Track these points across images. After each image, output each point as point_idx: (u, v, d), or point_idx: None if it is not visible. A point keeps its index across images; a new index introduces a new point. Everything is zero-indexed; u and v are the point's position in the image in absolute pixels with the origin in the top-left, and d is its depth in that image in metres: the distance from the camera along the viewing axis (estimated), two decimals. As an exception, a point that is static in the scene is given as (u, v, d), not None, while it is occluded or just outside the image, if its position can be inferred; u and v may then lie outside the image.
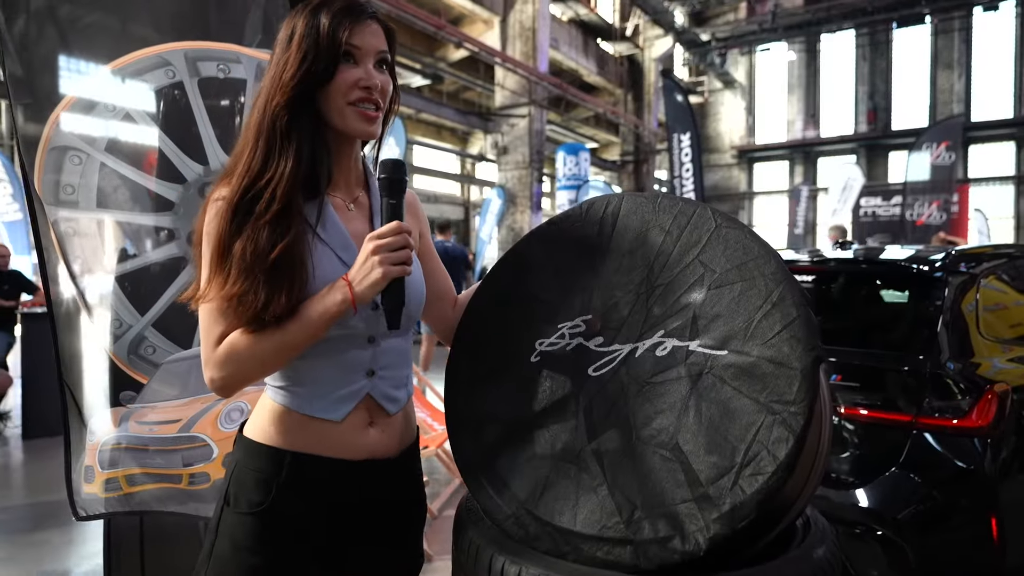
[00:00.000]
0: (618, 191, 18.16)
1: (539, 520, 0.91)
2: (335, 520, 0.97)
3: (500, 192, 14.75)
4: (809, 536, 0.92)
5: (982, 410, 1.95)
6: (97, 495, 1.48)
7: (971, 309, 2.23)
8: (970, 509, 1.94)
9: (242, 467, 0.97)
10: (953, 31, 20.69)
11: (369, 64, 0.94)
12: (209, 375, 0.90)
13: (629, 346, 0.94)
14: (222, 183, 0.93)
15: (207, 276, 0.89)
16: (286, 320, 0.87)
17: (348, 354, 0.96)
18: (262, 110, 0.93)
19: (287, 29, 0.95)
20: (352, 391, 0.96)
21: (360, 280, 0.87)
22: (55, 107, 1.40)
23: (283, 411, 0.96)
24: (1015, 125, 20.32)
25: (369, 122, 0.94)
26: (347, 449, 0.96)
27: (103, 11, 1.41)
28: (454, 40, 13.30)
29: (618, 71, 20.06)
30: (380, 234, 0.87)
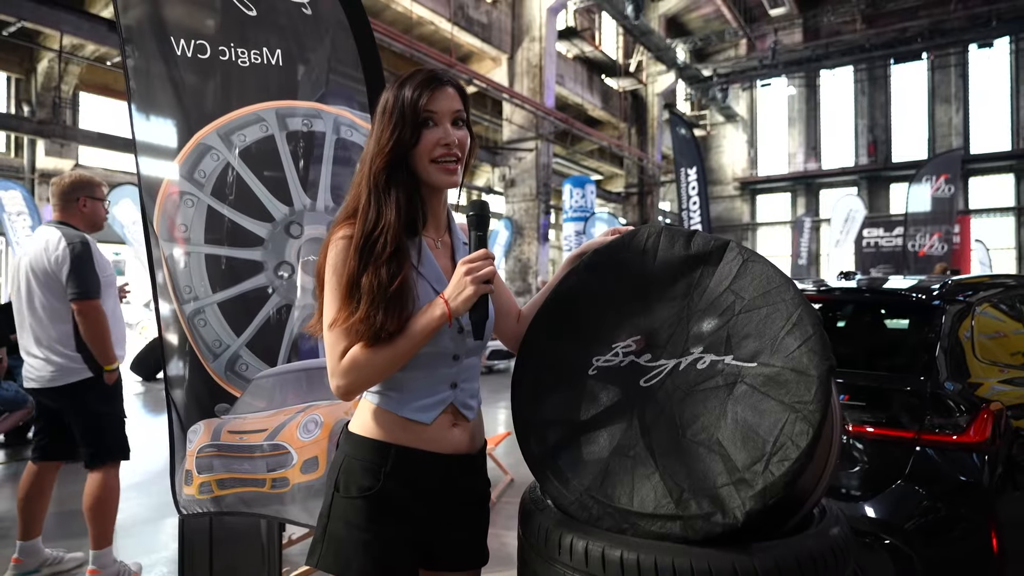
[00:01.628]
0: (623, 222, 18.39)
1: (601, 503, 1.09)
2: (429, 503, 1.16)
3: (507, 224, 15.05)
4: (825, 519, 1.10)
5: (979, 427, 2.11)
6: (194, 496, 1.67)
7: (967, 334, 2.41)
8: (970, 519, 2.09)
9: (351, 458, 1.16)
10: (950, 67, 21.21)
11: (447, 124, 1.14)
12: (335, 383, 1.08)
13: (674, 361, 1.13)
14: (343, 225, 1.13)
15: (337, 304, 1.08)
16: (396, 336, 1.06)
17: (438, 369, 1.16)
18: (368, 170, 1.13)
19: (382, 103, 1.16)
20: (440, 399, 1.16)
21: (455, 296, 1.06)
22: (174, 158, 1.63)
23: (384, 412, 1.16)
24: (1014, 157, 20.68)
25: (450, 174, 1.14)
26: (438, 444, 1.16)
27: (211, 78, 1.65)
28: (464, 77, 13.75)
29: (622, 105, 20.56)
30: (472, 259, 1.07)
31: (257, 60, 1.69)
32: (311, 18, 1.76)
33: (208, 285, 1.63)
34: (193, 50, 1.67)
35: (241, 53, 1.68)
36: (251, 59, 1.69)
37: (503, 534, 3.45)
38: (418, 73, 1.15)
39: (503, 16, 15.34)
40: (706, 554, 0.96)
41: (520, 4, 15.42)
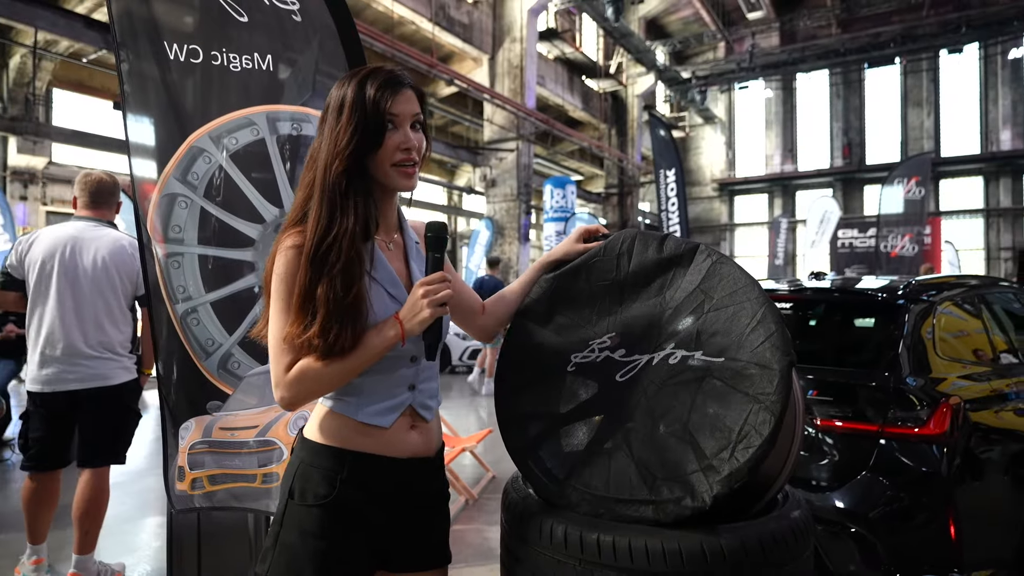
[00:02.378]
0: (603, 223, 18.51)
1: (579, 490, 1.16)
2: (386, 508, 1.14)
3: (488, 224, 15.12)
4: (788, 504, 1.18)
5: (938, 420, 2.23)
6: (187, 492, 1.71)
7: (929, 332, 2.53)
8: (930, 508, 2.20)
9: (307, 465, 1.13)
10: (921, 71, 21.72)
11: (407, 127, 1.11)
12: (280, 394, 1.06)
13: (647, 356, 1.20)
14: (291, 233, 1.09)
15: (290, 318, 1.05)
16: (349, 351, 1.04)
17: (396, 371, 1.14)
18: (323, 172, 1.08)
19: (337, 98, 1.10)
20: (398, 402, 1.15)
21: (410, 318, 1.05)
22: (167, 160, 1.66)
23: (340, 417, 1.13)
24: (982, 160, 21.23)
25: (409, 178, 1.13)
26: (396, 448, 1.14)
27: (203, 82, 1.69)
28: (445, 77, 13.79)
29: (602, 107, 20.73)
30: (428, 281, 1.05)
31: (248, 65, 1.73)
32: (300, 23, 1.80)
33: (201, 285, 1.67)
34: (186, 55, 1.69)
35: (232, 58, 1.71)
36: (242, 64, 1.72)
37: (485, 529, 3.52)
38: (376, 73, 1.11)
39: (484, 17, 15.39)
40: (676, 535, 1.04)
41: (501, 5, 15.48)
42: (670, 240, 1.28)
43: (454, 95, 16.13)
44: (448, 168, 20.60)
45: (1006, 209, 21.18)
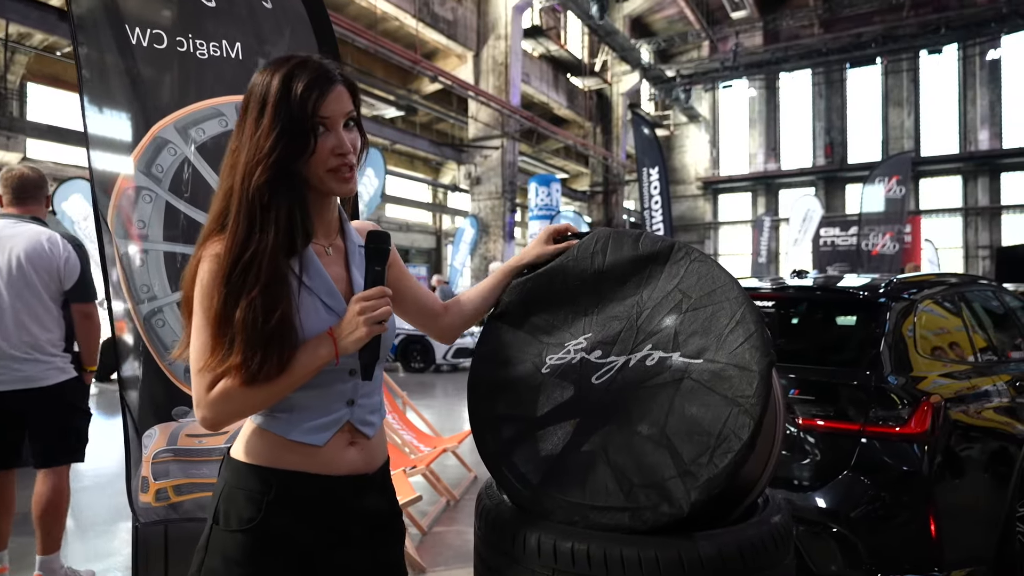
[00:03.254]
0: (588, 221, 18.54)
1: (553, 497, 1.12)
2: (322, 531, 1.04)
3: (473, 221, 15.06)
4: (768, 508, 1.15)
5: (919, 418, 2.22)
6: (150, 504, 1.62)
7: (910, 330, 2.52)
8: (911, 507, 2.19)
9: (232, 487, 1.03)
10: (902, 72, 21.98)
11: (340, 128, 1.00)
12: (201, 414, 0.96)
13: (624, 358, 1.16)
14: (215, 238, 0.98)
15: (208, 343, 0.95)
16: (276, 376, 0.95)
17: (332, 386, 1.04)
18: (242, 180, 0.96)
19: (257, 95, 0.97)
20: (335, 419, 1.05)
21: (345, 336, 0.96)
22: (130, 152, 1.58)
23: (269, 435, 1.03)
24: (961, 160, 21.53)
25: (346, 182, 1.01)
26: (330, 466, 1.04)
27: (168, 69, 1.61)
28: (429, 74, 13.69)
29: (587, 105, 20.73)
30: (366, 296, 0.96)
31: (216, 53, 1.65)
32: (271, 11, 1.73)
33: (167, 284, 1.59)
34: (149, 40, 1.60)
35: (200, 45, 1.64)
36: (210, 51, 1.65)
37: (466, 531, 3.48)
38: (303, 67, 0.98)
39: (468, 13, 15.31)
40: (653, 543, 1.00)
41: (486, 2, 15.41)
42: (646, 238, 1.24)
43: (439, 92, 16.04)
44: (433, 166, 20.50)
45: (984, 208, 21.51)
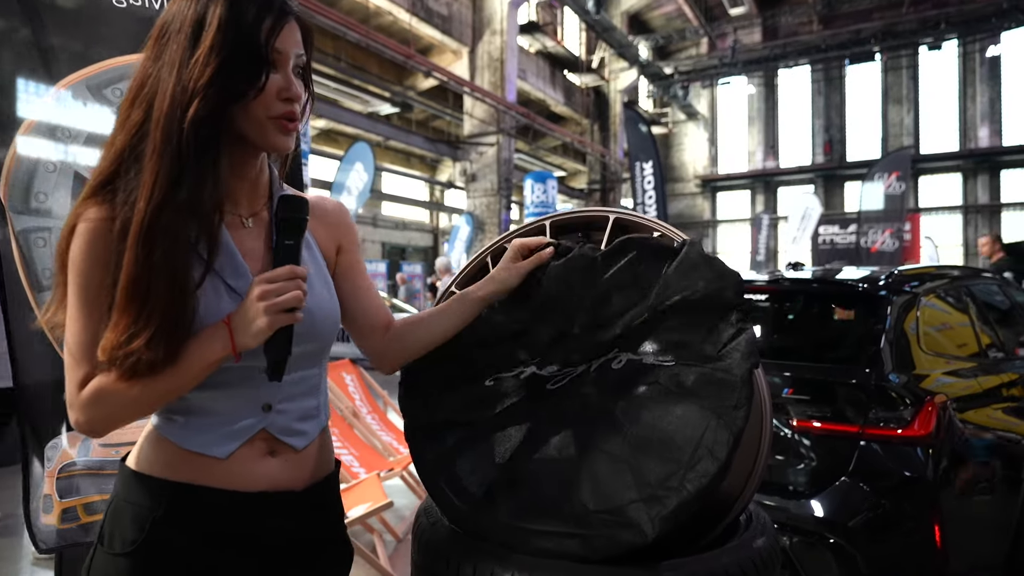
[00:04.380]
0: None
1: (494, 517, 0.94)
2: (229, 557, 0.86)
3: (468, 219, 14.88)
4: (750, 529, 0.98)
5: (923, 420, 2.05)
6: (55, 527, 1.40)
7: (913, 325, 2.35)
8: (914, 515, 2.02)
9: (119, 501, 0.88)
10: (901, 68, 21.79)
11: (289, 69, 0.85)
12: (74, 417, 0.80)
13: (585, 364, 0.99)
14: (92, 201, 0.81)
15: (81, 320, 0.80)
16: (162, 367, 0.78)
17: (240, 387, 0.85)
18: (169, 116, 0.78)
19: (191, 16, 0.80)
20: (242, 428, 0.86)
21: (242, 328, 0.78)
22: (27, 113, 1.38)
23: (165, 442, 0.86)
24: (961, 157, 21.36)
25: (288, 135, 0.85)
26: (237, 480, 0.86)
27: (64, 36, 1.42)
28: (423, 69, 13.51)
29: (584, 102, 20.55)
30: (269, 278, 0.78)
31: (136, 3, 1.46)
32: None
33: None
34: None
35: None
36: (128, 0, 1.46)
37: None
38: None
39: (463, 8, 15.13)
40: (607, 574, 0.83)
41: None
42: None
43: (434, 89, 15.85)
44: (429, 163, 20.30)
45: (983, 206, 21.33)
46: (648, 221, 1.02)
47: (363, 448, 3.60)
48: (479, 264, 1.15)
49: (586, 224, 1.10)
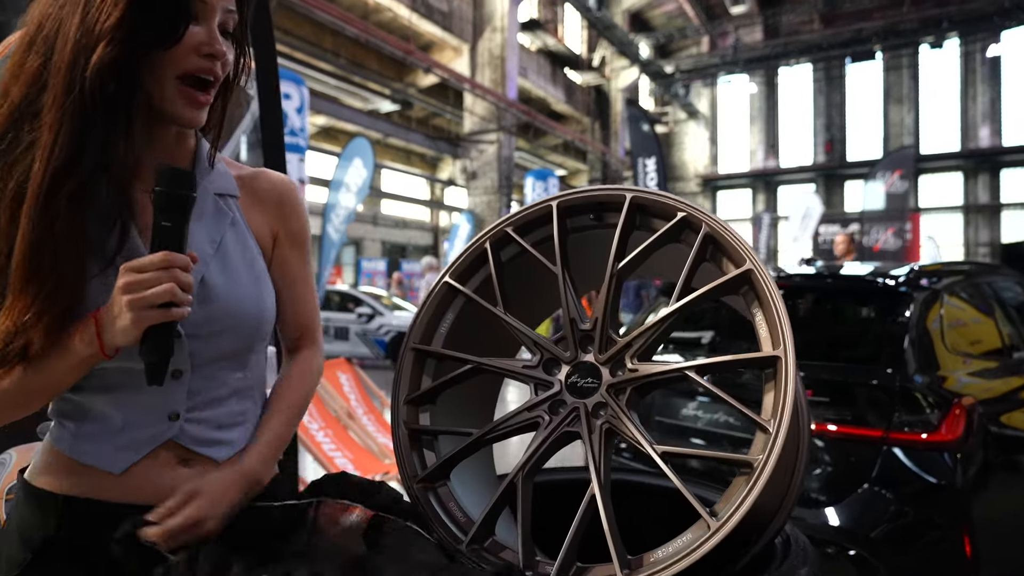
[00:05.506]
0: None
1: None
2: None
3: (469, 217, 14.76)
4: (790, 556, 0.85)
5: (951, 424, 1.92)
6: None
7: (936, 323, 2.23)
8: (942, 524, 1.90)
9: (11, 518, 0.77)
10: (902, 67, 21.70)
11: (214, 24, 0.72)
12: None
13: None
14: None
15: None
16: (30, 358, 0.67)
17: (140, 392, 0.72)
18: (72, 63, 0.66)
19: None
20: (142, 439, 0.74)
21: (109, 324, 0.67)
22: None
23: (56, 451, 0.76)
24: (962, 157, 21.27)
25: (196, 108, 0.73)
26: (140, 493, 0.74)
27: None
28: (423, 66, 13.40)
29: (585, 100, 20.44)
30: (137, 266, 0.66)
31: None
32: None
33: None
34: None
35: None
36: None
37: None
38: None
39: (464, 5, 15.01)
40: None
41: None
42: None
43: (434, 87, 15.74)
44: (429, 161, 20.19)
45: (984, 205, 21.25)
46: (671, 199, 0.90)
47: (358, 450, 3.48)
48: (477, 250, 1.02)
49: (599, 205, 0.98)
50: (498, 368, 0.96)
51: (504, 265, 1.02)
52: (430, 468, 0.91)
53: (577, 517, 0.79)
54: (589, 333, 0.91)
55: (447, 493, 0.91)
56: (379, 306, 9.61)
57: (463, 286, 1.02)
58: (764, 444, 0.74)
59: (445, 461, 0.91)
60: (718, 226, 0.85)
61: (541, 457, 0.87)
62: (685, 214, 0.88)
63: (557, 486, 1.17)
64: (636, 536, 0.77)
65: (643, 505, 1.06)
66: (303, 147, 5.76)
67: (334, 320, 9.52)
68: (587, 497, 0.80)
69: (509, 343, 1.15)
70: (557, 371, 0.92)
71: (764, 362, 0.79)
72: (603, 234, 0.99)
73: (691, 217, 0.88)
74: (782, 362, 0.76)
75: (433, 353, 1.00)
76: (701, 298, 0.84)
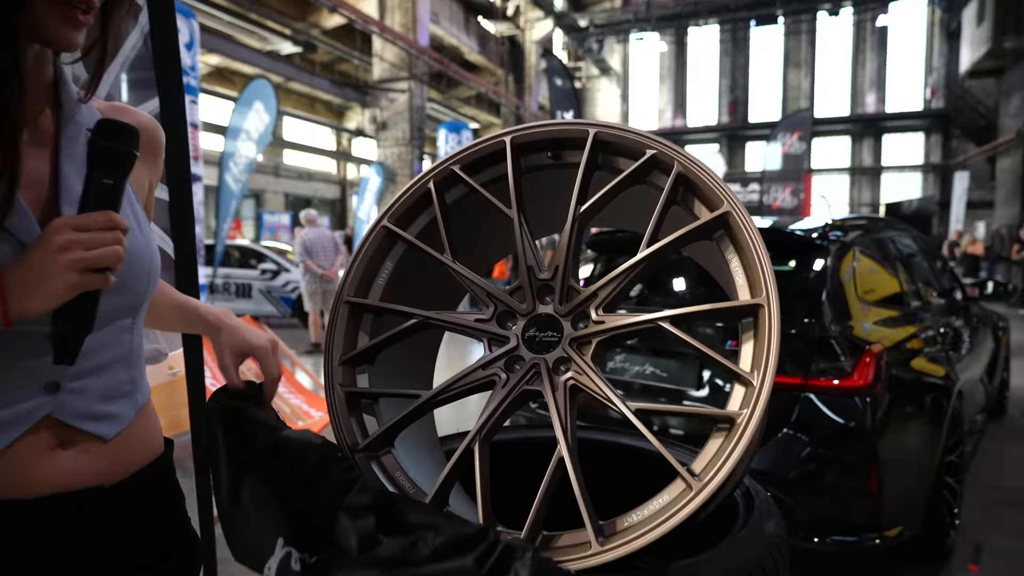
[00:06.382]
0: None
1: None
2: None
3: (379, 169, 14.19)
4: (755, 510, 0.82)
5: (862, 370, 2.02)
6: None
7: (848, 275, 2.32)
8: (852, 464, 2.02)
9: None
10: (801, 33, 22.71)
11: None
12: None
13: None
14: None
15: None
16: None
17: (16, 361, 0.64)
18: None
19: None
20: (17, 413, 0.64)
21: (27, 287, 0.57)
22: None
23: None
24: (850, 122, 22.75)
25: (73, 27, 0.63)
26: (20, 485, 0.64)
27: None
28: (328, 5, 12.54)
29: (499, 51, 19.98)
30: (80, 224, 0.58)
31: None
32: None
33: None
34: None
35: None
36: None
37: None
38: None
39: (372, -59, 14.10)
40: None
41: (391, -70, 14.24)
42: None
43: (340, 29, 14.80)
44: (335, 109, 19.17)
45: (868, 168, 22.94)
46: (640, 135, 0.82)
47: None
48: (419, 191, 0.90)
49: (557, 142, 0.88)
50: (447, 322, 0.86)
51: (448, 208, 0.91)
52: (373, 436, 0.81)
53: (544, 483, 0.72)
54: (548, 283, 0.83)
55: (392, 463, 0.81)
56: (284, 262, 9.13)
57: (404, 231, 0.90)
58: (746, 398, 0.69)
59: (390, 427, 0.81)
60: (692, 165, 0.78)
61: (499, 419, 0.78)
62: (655, 152, 0.81)
63: (504, 446, 1.10)
64: (593, 497, 0.71)
65: (599, 463, 1.01)
66: (195, 88, 5.24)
67: (235, 277, 8.97)
68: (554, 460, 0.72)
69: (449, 295, 1.06)
70: (512, 324, 0.84)
71: (744, 311, 0.73)
72: (561, 174, 0.90)
73: (662, 155, 0.80)
74: (765, 310, 0.71)
75: (370, 307, 0.89)
76: (674, 243, 0.78)
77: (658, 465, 0.74)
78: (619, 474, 1.00)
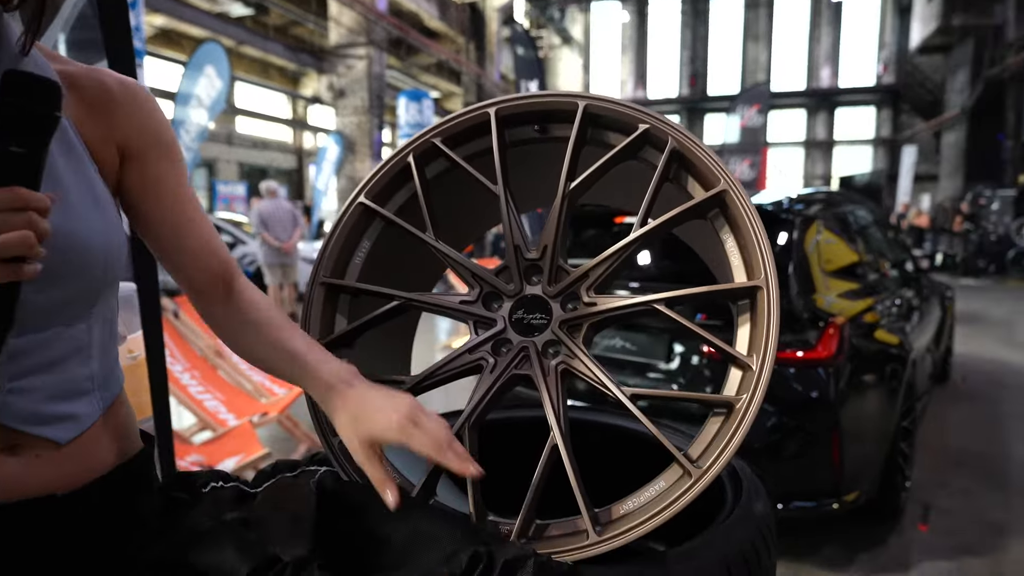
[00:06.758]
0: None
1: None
2: None
3: (338, 138, 13.82)
4: (744, 491, 0.82)
5: (826, 342, 2.07)
6: None
7: (812, 247, 2.36)
8: (816, 434, 2.07)
9: None
10: (759, 5, 22.85)
11: None
12: None
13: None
14: None
15: None
16: None
17: None
18: None
19: None
20: None
21: None
22: None
23: None
24: (806, 95, 23.15)
25: None
26: None
27: None
28: (281, -35, 11.99)
29: (460, 18, 19.51)
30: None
31: None
32: None
33: None
34: None
35: None
36: None
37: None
38: None
39: (326, -102, 13.49)
40: (604, 573, 0.63)
41: None
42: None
43: (293, -11, 14.20)
44: (290, 76, 18.49)
45: (822, 141, 23.46)
46: (632, 109, 0.78)
47: (230, 391, 3.20)
48: (397, 165, 0.86)
49: (544, 114, 0.84)
50: (430, 304, 0.82)
51: (429, 183, 0.87)
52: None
53: (538, 471, 0.69)
54: (536, 263, 0.80)
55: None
56: (240, 234, 8.84)
57: (382, 208, 0.85)
58: (744, 383, 0.68)
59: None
60: (688, 141, 0.76)
61: (488, 405, 0.76)
62: (648, 126, 0.78)
63: (492, 426, 1.08)
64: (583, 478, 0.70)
65: (588, 443, 1.00)
66: (141, 51, 4.94)
67: (190, 250, 8.64)
68: (548, 448, 0.70)
69: (425, 275, 1.02)
70: (499, 306, 0.80)
71: (741, 292, 0.72)
72: (548, 148, 0.86)
73: (655, 130, 0.77)
74: (764, 292, 0.69)
75: (348, 288, 0.84)
76: (668, 223, 0.75)
77: (649, 446, 0.73)
78: (607, 454, 1.00)
